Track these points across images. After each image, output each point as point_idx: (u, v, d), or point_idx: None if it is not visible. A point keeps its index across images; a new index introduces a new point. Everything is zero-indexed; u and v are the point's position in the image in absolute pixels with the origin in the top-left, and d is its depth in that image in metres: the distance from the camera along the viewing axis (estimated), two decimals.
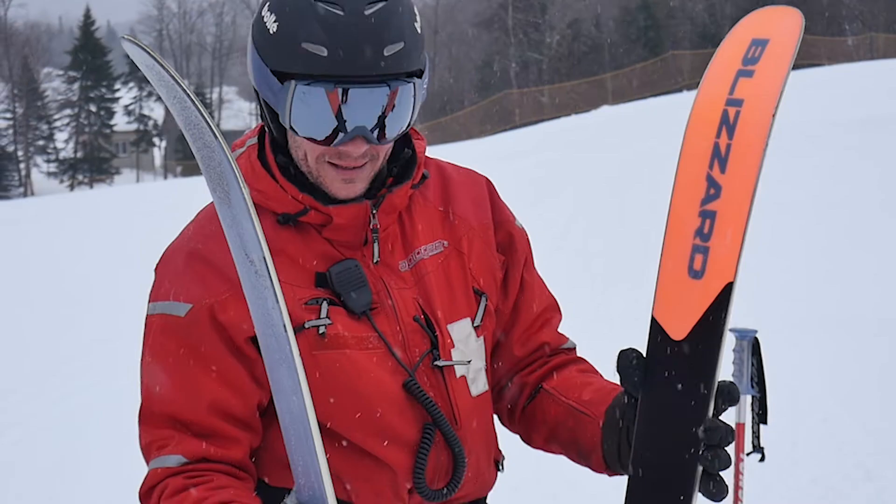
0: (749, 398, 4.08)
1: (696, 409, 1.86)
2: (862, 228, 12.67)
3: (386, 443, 2.11)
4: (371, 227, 2.13)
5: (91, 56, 70.16)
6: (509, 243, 2.35)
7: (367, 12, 1.95)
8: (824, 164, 16.99)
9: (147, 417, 2.10)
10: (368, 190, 2.14)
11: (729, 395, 1.87)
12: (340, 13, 1.95)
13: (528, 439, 2.39)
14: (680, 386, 1.87)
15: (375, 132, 2.01)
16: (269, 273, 1.71)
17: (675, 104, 33.68)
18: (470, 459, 2.20)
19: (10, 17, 76.34)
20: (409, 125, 2.08)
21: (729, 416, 4.18)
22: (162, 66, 1.92)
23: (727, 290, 1.83)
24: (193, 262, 2.09)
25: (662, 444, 1.89)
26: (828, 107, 23.52)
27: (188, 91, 1.88)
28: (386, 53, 1.96)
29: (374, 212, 2.13)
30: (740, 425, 4.16)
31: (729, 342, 3.89)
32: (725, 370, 1.82)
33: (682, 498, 1.87)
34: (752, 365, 4.01)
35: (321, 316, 2.07)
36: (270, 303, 1.71)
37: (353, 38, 1.94)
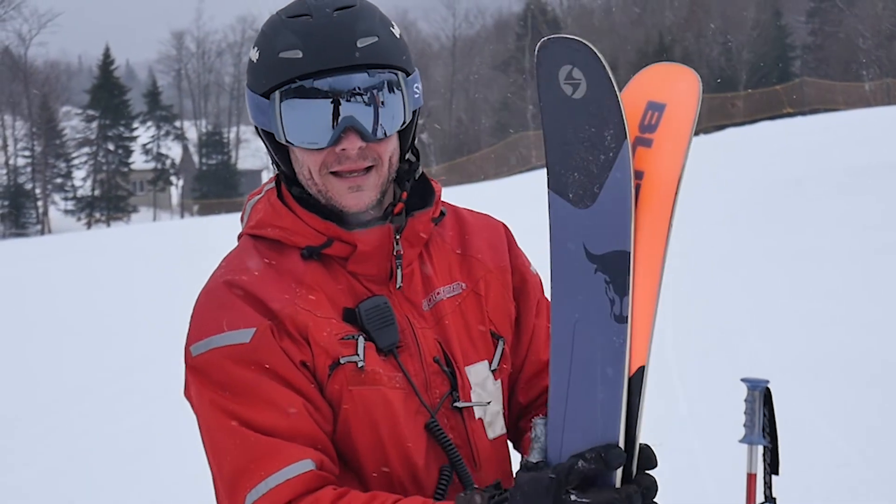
0: (761, 448, 4.05)
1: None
2: (880, 275, 12.63)
3: (403, 483, 2.10)
4: (394, 253, 2.14)
5: (110, 95, 70.46)
6: (522, 288, 2.35)
7: (336, 15, 2.06)
8: (843, 210, 16.97)
9: (239, 445, 1.99)
10: (385, 213, 2.18)
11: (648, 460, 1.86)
12: (310, 19, 2.05)
13: None
14: None
15: (368, 126, 2.06)
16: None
17: (692, 148, 33.71)
18: None
19: (30, 55, 76.88)
20: (403, 123, 2.12)
21: (740, 467, 4.16)
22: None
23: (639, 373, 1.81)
24: (237, 292, 2.07)
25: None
26: (846, 152, 23.53)
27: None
28: (360, 45, 2.04)
29: (398, 237, 2.15)
30: (752, 475, 4.12)
31: (741, 391, 3.88)
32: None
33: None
34: (764, 415, 3.98)
35: (358, 351, 2.07)
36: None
37: (324, 35, 2.04)
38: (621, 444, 1.77)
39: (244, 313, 2.04)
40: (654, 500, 1.79)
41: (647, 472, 1.83)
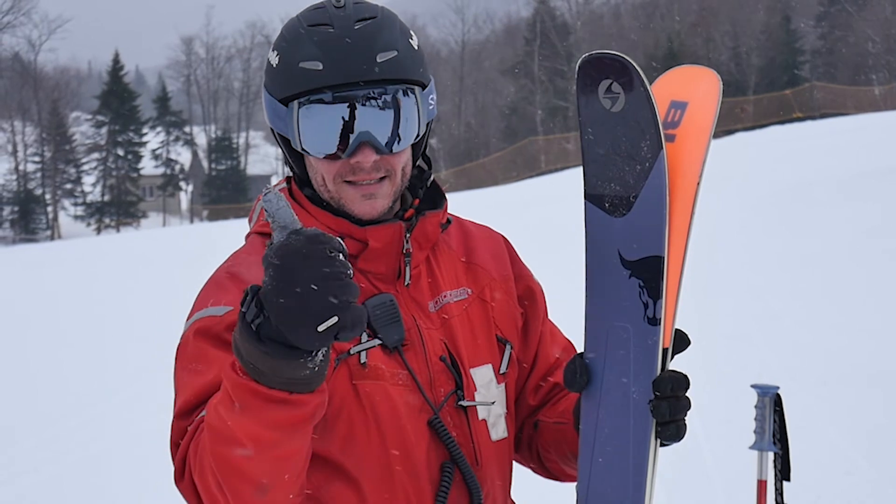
0: (771, 455, 4.03)
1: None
2: (887, 279, 12.59)
3: (405, 479, 2.11)
4: (404, 251, 2.16)
5: (119, 100, 70.60)
6: (530, 297, 2.39)
7: (357, 27, 2.08)
8: (850, 214, 16.93)
9: (184, 410, 2.00)
10: (395, 216, 2.20)
11: (682, 341, 1.94)
12: (331, 30, 2.07)
13: (547, 474, 2.42)
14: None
15: (383, 140, 2.08)
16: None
17: None
18: (486, 502, 2.21)
19: (39, 61, 76.88)
20: (417, 136, 2.15)
21: (751, 473, 4.14)
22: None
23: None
24: (233, 279, 2.10)
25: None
26: (855, 157, 23.50)
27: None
28: (379, 60, 2.07)
29: (408, 236, 2.17)
30: (762, 482, 4.10)
31: (750, 397, 3.85)
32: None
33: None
34: (774, 422, 3.96)
35: (362, 344, 2.08)
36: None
37: (345, 49, 2.06)
38: (651, 445, 1.84)
39: (231, 294, 2.06)
40: None
41: None
